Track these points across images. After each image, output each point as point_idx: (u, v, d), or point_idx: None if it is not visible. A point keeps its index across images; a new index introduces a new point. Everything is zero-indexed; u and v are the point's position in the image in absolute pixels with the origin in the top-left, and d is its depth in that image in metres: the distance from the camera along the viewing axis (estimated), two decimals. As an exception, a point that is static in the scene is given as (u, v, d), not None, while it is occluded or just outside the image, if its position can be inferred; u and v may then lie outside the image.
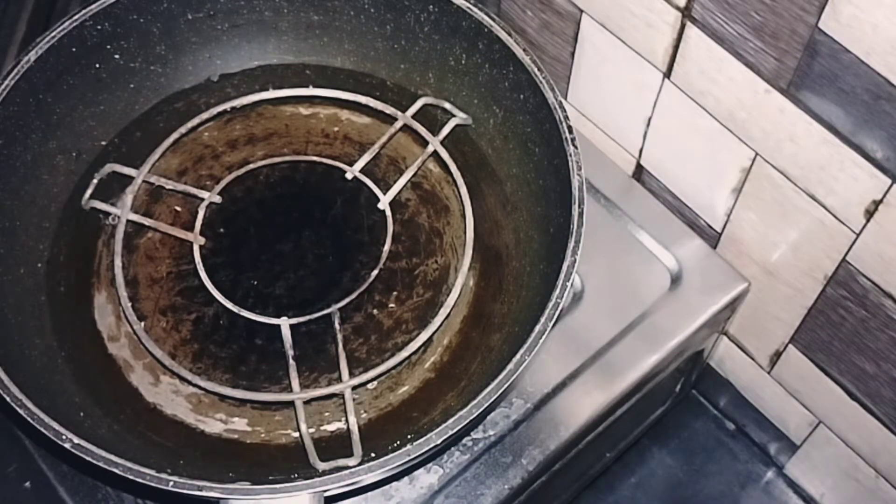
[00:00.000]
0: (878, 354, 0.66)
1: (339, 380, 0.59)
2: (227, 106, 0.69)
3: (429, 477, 0.63)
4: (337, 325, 0.61)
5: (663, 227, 0.73)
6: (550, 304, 0.53)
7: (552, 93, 0.59)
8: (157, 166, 0.67)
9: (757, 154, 0.64)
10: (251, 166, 0.67)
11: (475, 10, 0.63)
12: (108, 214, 0.66)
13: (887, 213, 0.57)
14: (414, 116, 0.67)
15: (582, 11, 0.69)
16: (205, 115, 0.68)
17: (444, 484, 0.62)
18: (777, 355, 0.76)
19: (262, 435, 0.59)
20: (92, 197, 0.65)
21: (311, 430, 0.58)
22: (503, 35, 0.62)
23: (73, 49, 0.62)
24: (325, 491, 0.50)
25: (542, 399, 0.65)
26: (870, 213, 0.58)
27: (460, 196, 0.65)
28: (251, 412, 0.60)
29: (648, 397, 0.71)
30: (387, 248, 0.64)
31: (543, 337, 0.52)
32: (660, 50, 0.65)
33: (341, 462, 0.55)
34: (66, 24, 0.61)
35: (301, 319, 0.61)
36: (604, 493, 0.86)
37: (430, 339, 0.61)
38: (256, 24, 0.68)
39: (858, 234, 0.60)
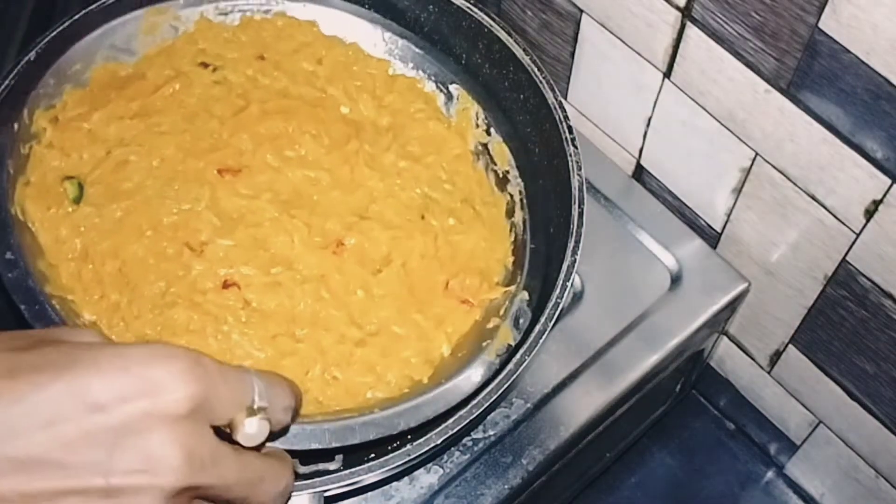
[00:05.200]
0: (878, 354, 0.66)
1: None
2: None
3: (429, 477, 0.63)
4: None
5: (663, 227, 0.73)
6: (550, 304, 0.53)
7: (552, 93, 0.59)
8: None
9: (757, 154, 0.64)
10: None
11: (475, 10, 0.63)
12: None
13: (887, 213, 0.57)
14: (414, 116, 0.67)
15: (582, 11, 0.69)
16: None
17: (444, 484, 0.62)
18: (777, 355, 0.76)
19: (262, 435, 0.59)
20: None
21: (311, 430, 0.58)
22: (503, 35, 0.62)
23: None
24: (325, 491, 0.50)
25: (542, 399, 0.65)
26: (870, 213, 0.58)
27: (460, 196, 0.65)
28: (251, 412, 0.60)
29: (648, 397, 0.71)
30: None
31: (543, 337, 0.52)
32: (660, 50, 0.65)
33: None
34: (66, 23, 0.61)
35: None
36: (604, 493, 0.86)
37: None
38: (257, 26, 0.68)
39: (858, 234, 0.60)
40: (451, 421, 0.51)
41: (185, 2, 0.64)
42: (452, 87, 0.65)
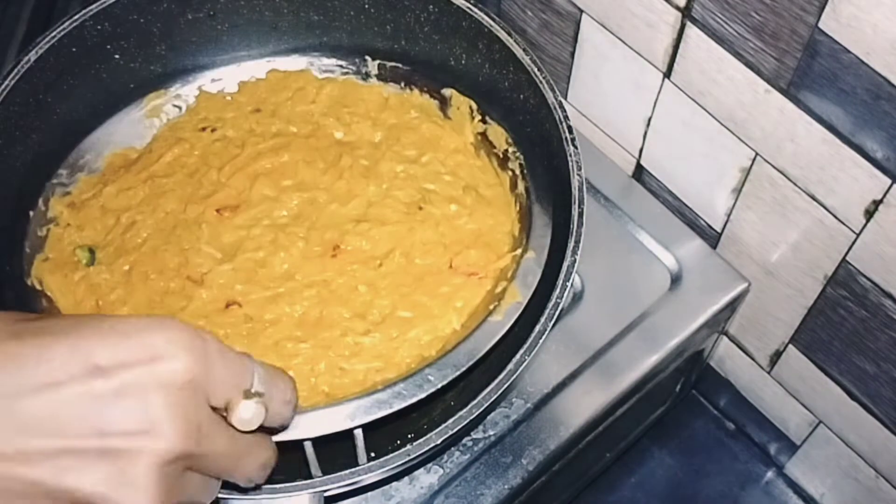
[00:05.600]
0: (878, 354, 0.66)
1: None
2: (227, 106, 0.69)
3: (429, 477, 0.63)
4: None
5: (663, 227, 0.73)
6: (550, 304, 0.53)
7: (552, 93, 0.59)
8: (157, 166, 0.67)
9: (757, 154, 0.64)
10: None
11: (475, 10, 0.63)
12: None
13: (887, 213, 0.57)
14: (414, 116, 0.68)
15: (582, 11, 0.69)
16: (205, 116, 0.68)
17: (444, 484, 0.62)
18: (777, 355, 0.76)
19: (262, 435, 0.59)
20: (92, 197, 0.65)
21: (311, 430, 0.58)
22: (503, 35, 0.62)
23: (73, 49, 0.62)
24: (324, 491, 0.50)
25: (542, 399, 0.65)
26: (870, 213, 0.58)
27: (460, 196, 0.65)
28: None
29: (648, 397, 0.71)
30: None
31: (543, 337, 0.52)
32: (660, 50, 0.65)
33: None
34: (66, 24, 0.61)
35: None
36: (604, 493, 0.86)
37: (430, 339, 0.61)
38: (256, 24, 0.68)
39: (858, 234, 0.60)
40: (450, 421, 0.51)
41: (182, 81, 0.67)
42: (444, 91, 0.65)
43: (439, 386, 0.51)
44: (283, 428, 0.41)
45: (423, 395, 0.51)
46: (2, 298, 0.56)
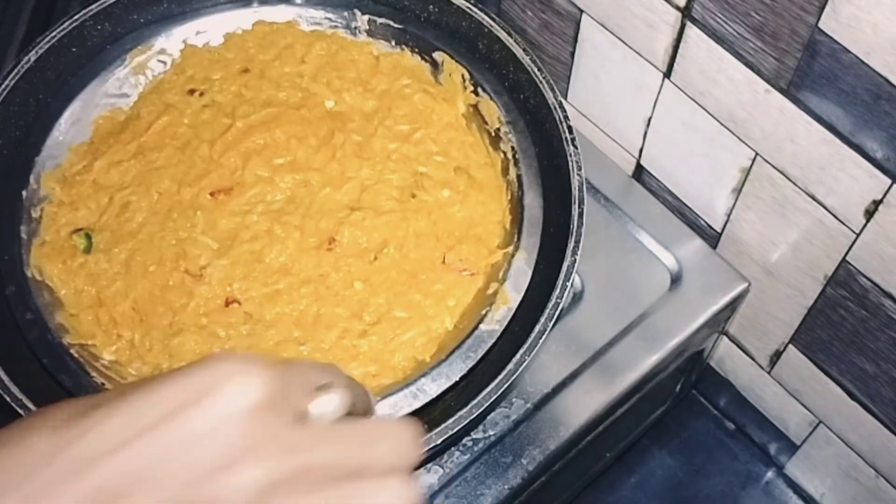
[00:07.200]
0: (878, 354, 0.66)
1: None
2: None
3: (429, 477, 0.63)
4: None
5: (663, 227, 0.73)
6: (550, 304, 0.53)
7: (552, 93, 0.59)
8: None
9: (757, 154, 0.64)
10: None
11: (475, 10, 0.63)
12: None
13: (887, 213, 0.57)
14: (414, 116, 0.67)
15: (582, 11, 0.69)
16: (205, 116, 0.68)
17: (444, 484, 0.62)
18: (777, 355, 0.76)
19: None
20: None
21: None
22: (503, 35, 0.62)
23: (73, 49, 0.62)
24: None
25: (542, 399, 0.65)
26: (870, 213, 0.58)
27: (460, 196, 0.65)
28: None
29: (648, 397, 0.71)
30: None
31: (543, 337, 0.52)
32: (660, 50, 0.65)
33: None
34: (66, 24, 0.61)
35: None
36: (604, 493, 0.86)
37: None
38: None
39: (858, 234, 0.60)
40: (450, 421, 0.51)
41: (167, 34, 0.65)
42: (436, 55, 0.65)
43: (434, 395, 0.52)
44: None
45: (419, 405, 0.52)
46: (3, 294, 0.56)
